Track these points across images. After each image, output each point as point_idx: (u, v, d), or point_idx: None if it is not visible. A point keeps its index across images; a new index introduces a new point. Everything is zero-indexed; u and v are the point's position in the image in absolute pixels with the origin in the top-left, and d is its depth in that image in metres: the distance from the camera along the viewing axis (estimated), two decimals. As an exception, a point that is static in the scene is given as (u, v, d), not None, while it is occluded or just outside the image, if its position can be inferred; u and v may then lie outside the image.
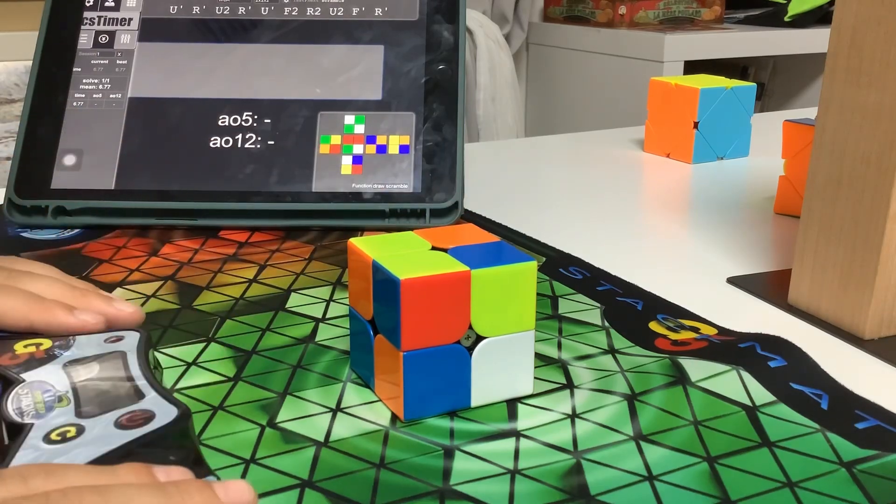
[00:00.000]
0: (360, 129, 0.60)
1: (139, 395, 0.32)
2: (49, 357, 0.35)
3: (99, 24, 0.64)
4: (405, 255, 0.35)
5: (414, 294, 0.33)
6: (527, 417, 0.35)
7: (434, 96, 0.61)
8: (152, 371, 0.34)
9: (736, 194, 0.70)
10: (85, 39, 0.63)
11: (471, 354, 0.35)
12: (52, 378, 0.33)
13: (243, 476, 0.31)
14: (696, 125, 0.78)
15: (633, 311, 0.46)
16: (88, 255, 0.54)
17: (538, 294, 0.48)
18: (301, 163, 0.59)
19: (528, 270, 0.35)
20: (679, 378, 0.38)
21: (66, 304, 0.39)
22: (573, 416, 0.35)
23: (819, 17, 1.93)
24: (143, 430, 0.29)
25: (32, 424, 0.30)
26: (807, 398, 0.37)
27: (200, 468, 0.30)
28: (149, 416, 0.30)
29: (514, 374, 0.36)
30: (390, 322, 0.34)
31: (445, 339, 0.34)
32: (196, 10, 0.64)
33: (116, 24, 0.64)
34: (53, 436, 0.29)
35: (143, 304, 0.47)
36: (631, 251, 0.57)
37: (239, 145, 0.60)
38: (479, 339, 0.35)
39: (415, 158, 0.59)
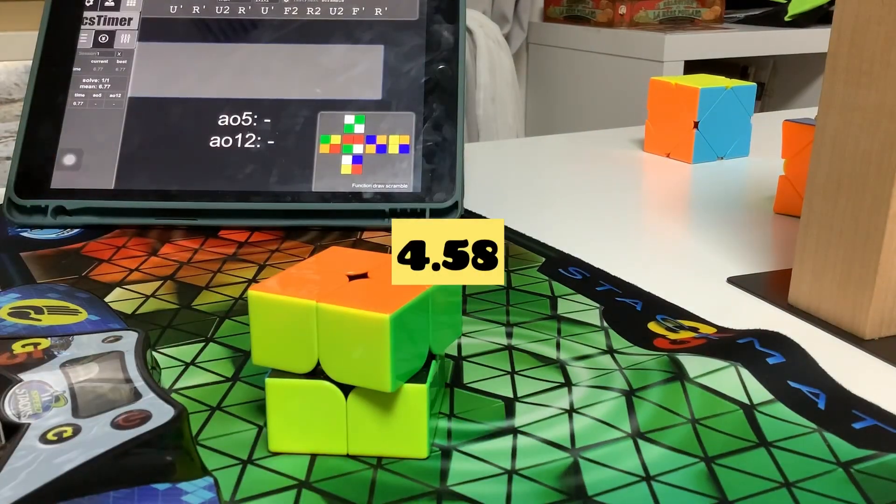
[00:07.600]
0: (359, 128, 0.60)
1: (136, 395, 0.32)
2: (47, 357, 0.35)
3: (99, 23, 0.64)
4: None
5: None
6: (524, 414, 0.35)
7: (434, 96, 0.61)
8: (150, 371, 0.34)
9: (736, 194, 0.70)
10: (85, 39, 0.63)
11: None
12: (49, 378, 0.33)
13: (240, 477, 0.31)
14: (696, 125, 0.78)
15: (632, 312, 0.46)
16: (88, 255, 0.54)
17: (538, 294, 0.48)
18: (301, 163, 0.59)
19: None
20: (677, 374, 0.38)
21: None
22: (571, 410, 0.35)
23: (819, 17, 1.93)
24: (140, 430, 0.29)
25: (29, 424, 0.30)
26: (804, 397, 0.37)
27: (196, 468, 0.30)
28: (145, 417, 0.30)
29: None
30: None
31: None
32: (196, 9, 0.64)
33: (116, 24, 0.64)
34: (50, 436, 0.29)
35: (141, 305, 0.47)
36: (631, 251, 0.57)
37: (239, 145, 0.60)
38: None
39: (415, 158, 0.59)
